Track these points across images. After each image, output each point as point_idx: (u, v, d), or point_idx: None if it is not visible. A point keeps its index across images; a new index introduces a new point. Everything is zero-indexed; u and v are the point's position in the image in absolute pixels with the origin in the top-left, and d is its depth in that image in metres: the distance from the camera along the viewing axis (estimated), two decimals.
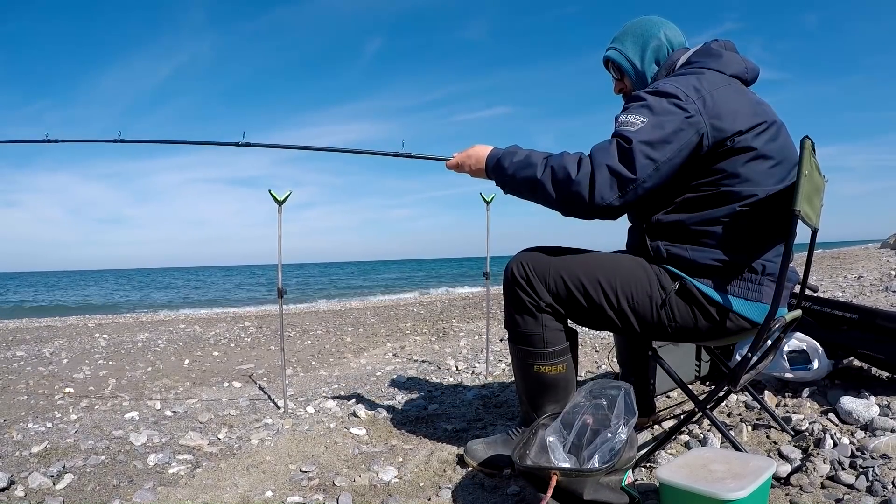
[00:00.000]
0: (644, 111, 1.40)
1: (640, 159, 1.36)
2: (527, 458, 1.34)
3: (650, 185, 1.40)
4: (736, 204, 1.42)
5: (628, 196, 1.39)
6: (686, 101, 1.39)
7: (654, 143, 1.36)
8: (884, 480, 1.34)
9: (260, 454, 1.93)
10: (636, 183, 1.38)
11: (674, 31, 1.64)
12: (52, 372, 3.85)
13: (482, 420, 2.23)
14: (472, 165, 1.65)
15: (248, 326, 6.66)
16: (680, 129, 1.37)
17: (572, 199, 1.41)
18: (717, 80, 1.47)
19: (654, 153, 1.36)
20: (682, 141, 1.38)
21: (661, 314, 1.48)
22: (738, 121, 1.41)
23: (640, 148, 1.36)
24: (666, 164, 1.38)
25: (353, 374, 3.47)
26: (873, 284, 6.35)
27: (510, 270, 1.57)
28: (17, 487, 1.68)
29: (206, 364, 4.09)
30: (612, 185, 1.38)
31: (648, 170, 1.37)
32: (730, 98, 1.43)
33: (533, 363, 1.57)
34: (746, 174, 1.41)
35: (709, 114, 1.39)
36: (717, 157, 1.42)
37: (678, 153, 1.39)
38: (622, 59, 1.65)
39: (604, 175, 1.37)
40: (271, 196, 2.32)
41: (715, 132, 1.39)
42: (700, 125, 1.38)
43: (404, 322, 6.44)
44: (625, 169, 1.37)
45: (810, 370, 2.08)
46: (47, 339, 5.97)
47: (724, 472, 1.20)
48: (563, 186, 1.41)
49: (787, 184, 1.44)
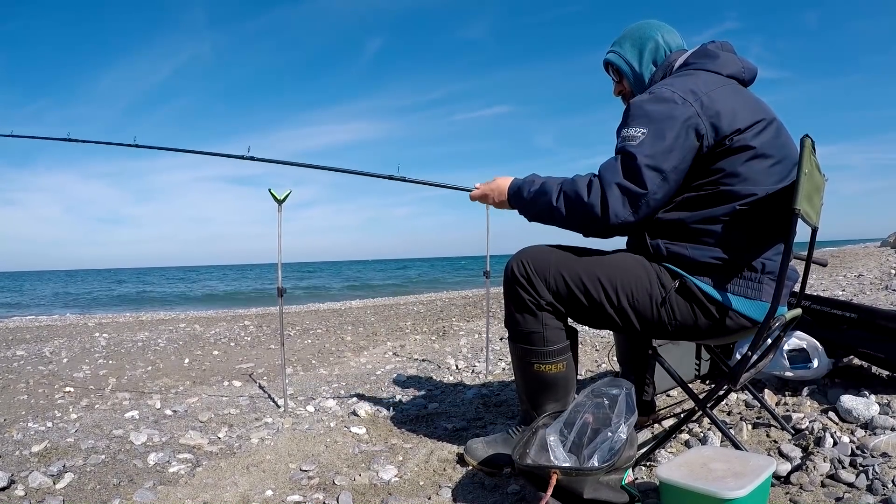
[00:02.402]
0: (643, 121, 1.42)
1: (647, 172, 1.38)
2: (527, 456, 1.34)
3: (661, 196, 1.42)
4: (736, 203, 1.42)
5: (642, 210, 1.42)
6: (683, 105, 1.40)
7: (658, 155, 1.38)
8: (884, 479, 1.35)
9: (260, 453, 1.93)
10: (647, 197, 1.40)
11: (671, 34, 1.67)
12: (53, 371, 3.85)
13: (482, 419, 2.23)
14: (496, 198, 1.69)
15: (248, 325, 6.65)
16: (680, 134, 1.39)
17: (588, 221, 1.44)
18: (714, 80, 1.48)
19: (660, 164, 1.39)
20: (685, 147, 1.40)
21: (662, 312, 1.48)
22: (737, 120, 1.42)
23: (644, 162, 1.38)
24: (672, 172, 1.40)
25: (353, 373, 3.47)
26: (873, 283, 6.35)
27: (510, 269, 1.57)
28: (18, 487, 1.68)
29: (206, 363, 4.09)
30: (624, 203, 1.40)
31: (657, 181, 1.39)
32: (727, 98, 1.44)
33: (533, 362, 1.57)
34: (746, 173, 1.42)
35: (707, 114, 1.40)
36: (717, 156, 1.43)
37: (683, 160, 1.41)
38: (621, 61, 1.69)
39: (615, 194, 1.40)
40: (271, 195, 2.32)
41: (714, 131, 1.41)
42: (700, 126, 1.40)
43: (404, 321, 6.44)
44: (633, 185, 1.39)
45: (810, 369, 2.08)
46: (47, 339, 5.97)
47: (724, 470, 1.20)
48: (578, 211, 1.44)
49: (787, 183, 1.45)
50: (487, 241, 3.05)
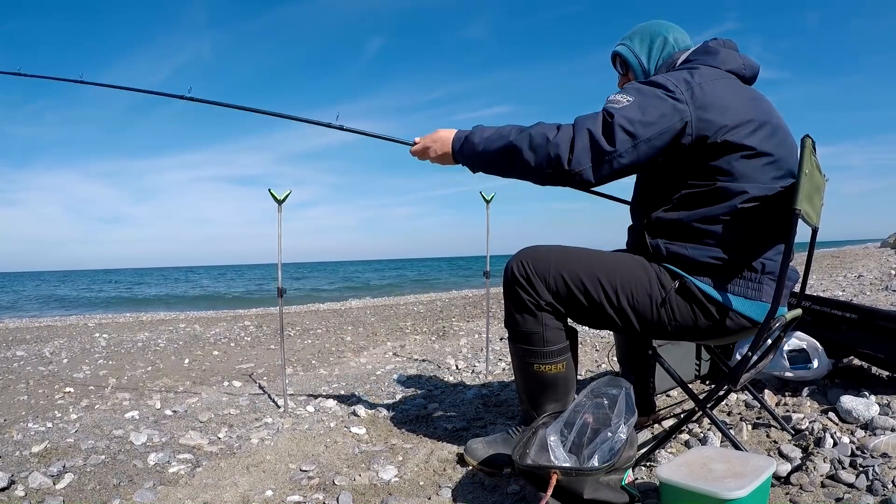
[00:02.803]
0: (633, 93, 1.44)
1: (620, 134, 1.38)
2: (527, 457, 1.34)
3: (627, 162, 1.41)
4: (735, 202, 1.42)
5: (602, 169, 1.41)
6: (675, 91, 1.41)
7: (636, 122, 1.39)
8: (884, 479, 1.34)
9: (260, 453, 1.93)
10: (612, 155, 1.39)
11: (681, 34, 1.69)
12: (53, 371, 3.85)
13: (482, 419, 2.23)
14: (438, 150, 1.65)
15: (248, 325, 6.65)
16: (664, 113, 1.39)
17: (547, 162, 1.42)
18: (711, 73, 1.49)
19: (635, 130, 1.39)
20: (665, 125, 1.40)
21: (661, 312, 1.48)
22: (728, 115, 1.41)
23: (621, 123, 1.39)
24: (644, 143, 1.40)
25: (353, 373, 3.47)
26: (873, 284, 6.35)
27: (510, 269, 1.57)
28: (18, 487, 1.68)
29: (206, 363, 4.09)
30: (587, 153, 1.40)
31: (626, 145, 1.39)
32: (721, 92, 1.45)
33: (533, 362, 1.57)
34: (742, 171, 1.42)
35: (696, 104, 1.41)
36: (709, 151, 1.42)
37: (659, 135, 1.40)
38: (630, 54, 1.70)
39: (583, 141, 1.40)
40: (271, 195, 2.32)
41: (700, 123, 1.40)
42: (685, 113, 1.40)
43: (404, 321, 6.44)
44: (604, 140, 1.39)
45: (810, 369, 2.08)
46: (47, 339, 5.97)
47: (724, 471, 1.20)
48: (539, 150, 1.43)
49: (785, 182, 1.45)
50: (487, 242, 3.05)
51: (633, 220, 1.66)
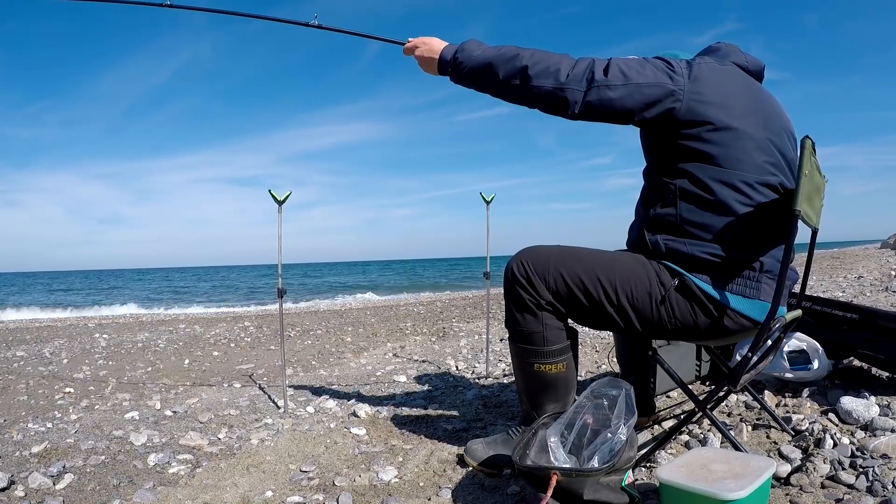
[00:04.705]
0: (638, 58, 1.51)
1: (615, 71, 1.46)
2: (527, 457, 1.34)
3: (615, 96, 1.45)
4: (734, 200, 1.43)
5: (591, 94, 1.45)
6: (674, 65, 1.48)
7: (632, 69, 1.46)
8: (884, 480, 1.34)
9: (260, 454, 1.93)
10: (602, 83, 1.45)
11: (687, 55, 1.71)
12: (53, 372, 3.85)
13: (482, 420, 2.23)
14: (425, 53, 1.70)
15: (248, 326, 6.66)
16: (659, 78, 1.45)
17: (545, 76, 1.47)
18: (712, 62, 1.53)
19: (629, 73, 1.45)
20: (658, 81, 1.45)
21: (661, 311, 1.48)
22: (718, 93, 1.45)
23: (618, 63, 1.47)
24: (635, 87, 1.44)
25: (353, 373, 3.47)
26: (873, 284, 6.35)
27: (510, 269, 1.58)
28: (18, 487, 1.68)
29: (206, 364, 4.09)
30: (584, 76, 1.46)
31: (619, 80, 1.45)
32: (719, 77, 1.49)
33: (533, 362, 1.57)
34: (731, 154, 1.43)
35: (692, 82, 1.45)
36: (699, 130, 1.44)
37: (650, 87, 1.45)
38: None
39: (584, 64, 1.47)
40: (271, 196, 2.32)
41: (692, 100, 1.44)
42: (679, 87, 1.45)
43: (404, 322, 6.44)
44: (599, 70, 1.46)
45: (810, 370, 2.08)
46: (47, 339, 5.97)
47: (724, 471, 1.20)
48: (541, 64, 1.49)
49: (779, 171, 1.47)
50: (488, 242, 3.06)
51: (635, 218, 1.67)
